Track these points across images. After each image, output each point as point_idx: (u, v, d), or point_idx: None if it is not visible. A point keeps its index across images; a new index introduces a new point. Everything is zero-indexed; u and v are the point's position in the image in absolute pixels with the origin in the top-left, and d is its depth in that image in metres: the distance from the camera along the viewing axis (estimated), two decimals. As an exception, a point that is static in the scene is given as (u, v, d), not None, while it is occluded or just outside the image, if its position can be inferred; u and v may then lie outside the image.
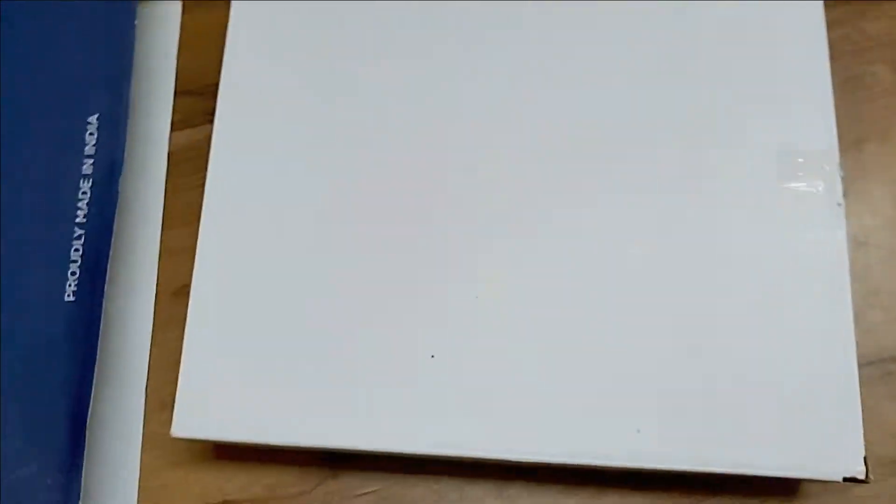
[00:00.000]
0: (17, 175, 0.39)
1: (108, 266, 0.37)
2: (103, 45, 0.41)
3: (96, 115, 0.39)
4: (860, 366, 0.36)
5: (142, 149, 0.43)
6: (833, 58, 0.43)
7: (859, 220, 0.41)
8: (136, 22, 0.41)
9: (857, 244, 0.41)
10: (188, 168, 0.44)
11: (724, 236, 0.37)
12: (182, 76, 0.45)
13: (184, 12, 0.46)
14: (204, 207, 0.39)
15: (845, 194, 0.38)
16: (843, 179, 0.38)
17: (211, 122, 0.43)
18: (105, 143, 0.39)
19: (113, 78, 0.40)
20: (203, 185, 0.41)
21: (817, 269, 0.36)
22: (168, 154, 0.44)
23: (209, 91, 0.44)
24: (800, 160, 0.37)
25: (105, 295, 0.36)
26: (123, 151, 0.39)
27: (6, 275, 0.38)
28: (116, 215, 0.38)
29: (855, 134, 0.43)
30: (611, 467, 0.35)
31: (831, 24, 0.43)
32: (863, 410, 0.35)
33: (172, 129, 0.44)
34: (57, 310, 0.37)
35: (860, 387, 0.35)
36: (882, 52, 0.44)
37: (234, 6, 0.42)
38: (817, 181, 0.37)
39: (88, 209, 0.38)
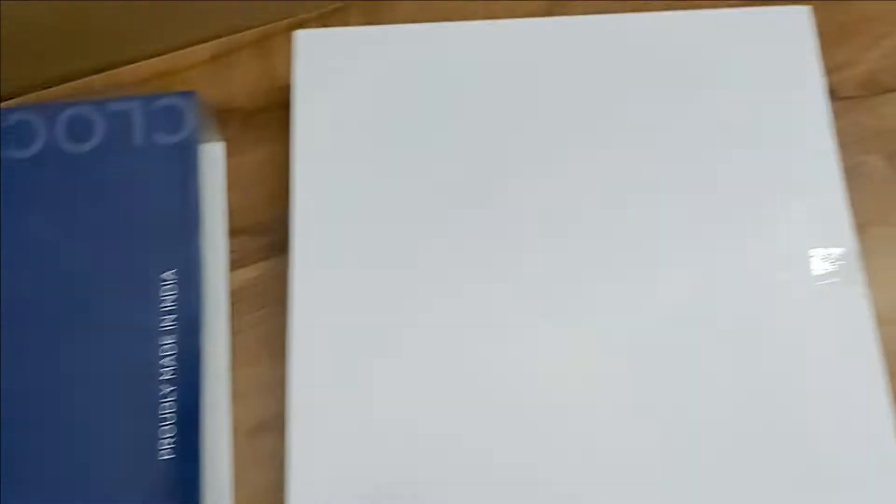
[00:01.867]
0: (94, 335, 0.40)
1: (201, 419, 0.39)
2: (173, 193, 0.42)
3: (173, 271, 0.41)
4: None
5: (205, 291, 0.45)
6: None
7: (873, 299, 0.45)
8: (199, 171, 0.42)
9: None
10: (247, 307, 0.45)
11: (760, 332, 0.40)
12: (232, 217, 0.47)
13: (227, 154, 0.48)
14: (292, 340, 0.41)
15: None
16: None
17: (265, 258, 0.46)
18: (184, 297, 0.40)
19: (186, 228, 0.42)
20: (264, 322, 0.44)
21: (849, 354, 0.40)
22: (229, 294, 0.46)
23: (259, 228, 0.47)
24: (828, 254, 0.41)
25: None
26: (202, 306, 0.40)
27: (94, 437, 0.39)
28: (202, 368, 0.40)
29: (858, 219, 0.47)
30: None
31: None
32: None
33: (230, 269, 0.46)
34: (153, 468, 0.38)
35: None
36: (872, 143, 0.48)
37: (298, 137, 0.44)
38: (843, 277, 0.41)
39: (176, 364, 0.39)
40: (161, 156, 0.42)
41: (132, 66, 0.50)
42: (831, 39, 0.50)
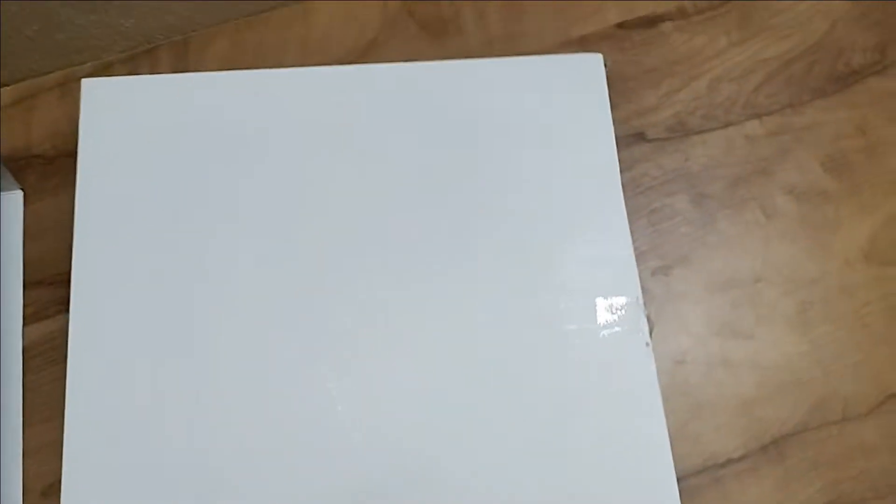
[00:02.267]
0: None
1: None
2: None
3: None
4: (690, 475, 0.42)
5: (-5, 349, 0.43)
6: (638, 193, 0.48)
7: (675, 339, 0.47)
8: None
9: (675, 363, 0.46)
10: (44, 362, 0.44)
11: (545, 378, 0.41)
12: (30, 268, 0.46)
13: (25, 203, 0.47)
14: (68, 401, 0.40)
15: (658, 320, 0.43)
16: (650, 319, 0.43)
17: (64, 311, 0.44)
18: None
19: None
20: (62, 377, 0.42)
21: (633, 402, 0.41)
22: (22, 349, 0.44)
23: (58, 279, 0.45)
24: (612, 303, 0.42)
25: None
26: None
27: None
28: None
29: (663, 261, 0.48)
30: None
31: (630, 163, 0.49)
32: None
33: (25, 324, 0.45)
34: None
35: (694, 495, 0.40)
36: (679, 185, 0.50)
37: (78, 193, 0.43)
38: (627, 325, 0.42)
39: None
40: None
41: (-76, 111, 0.48)
42: (643, 83, 0.51)
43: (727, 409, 0.45)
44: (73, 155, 0.46)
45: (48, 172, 0.47)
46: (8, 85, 0.49)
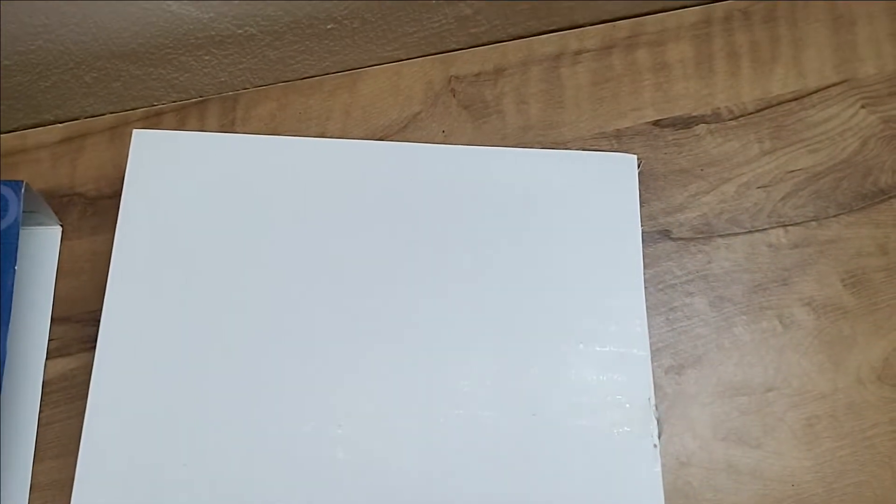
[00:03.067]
0: None
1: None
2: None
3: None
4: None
5: (14, 378, 0.44)
6: (659, 289, 0.49)
7: (681, 440, 0.47)
8: (15, 266, 0.42)
9: (679, 464, 0.46)
10: (62, 398, 0.45)
11: (549, 471, 0.42)
12: (59, 304, 0.47)
13: (63, 239, 0.48)
14: (83, 438, 0.41)
15: (666, 419, 0.44)
16: (660, 421, 0.43)
17: (88, 349, 0.45)
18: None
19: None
20: (78, 415, 0.43)
21: (635, 502, 0.41)
22: (42, 383, 0.45)
23: (86, 318, 0.46)
24: (626, 405, 0.43)
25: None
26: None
27: None
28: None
29: (676, 360, 0.49)
30: None
31: (653, 259, 0.50)
32: None
33: (48, 357, 0.46)
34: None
35: None
36: (699, 285, 0.50)
37: (118, 236, 0.45)
38: (637, 426, 0.42)
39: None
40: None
41: (-23, 141, 0.50)
42: (672, 181, 0.52)
43: (727, 517, 0.45)
44: (114, 197, 0.48)
45: (88, 212, 0.49)
46: (61, 122, 0.50)
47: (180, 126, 0.51)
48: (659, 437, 0.42)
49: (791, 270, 0.51)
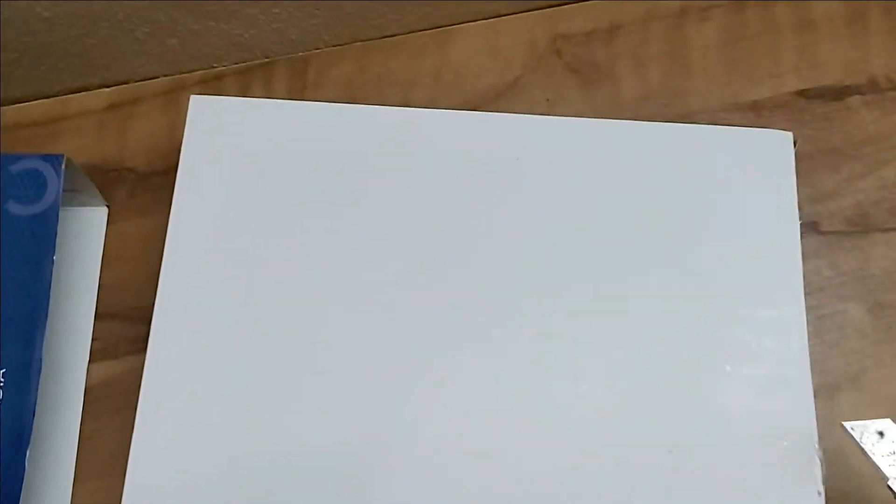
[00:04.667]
0: None
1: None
2: (17, 276, 0.36)
3: (2, 371, 0.34)
4: None
5: (55, 384, 0.38)
6: (806, 293, 0.41)
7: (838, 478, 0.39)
8: (55, 254, 0.36)
9: (834, 505, 0.39)
10: (106, 408, 0.39)
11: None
12: (105, 297, 0.41)
13: (109, 221, 0.42)
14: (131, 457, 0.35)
15: (822, 460, 0.36)
16: (823, 462, 0.36)
17: (137, 351, 0.39)
18: (11, 406, 0.34)
19: (27, 322, 0.35)
20: (125, 428, 0.37)
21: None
22: (84, 391, 0.39)
23: (135, 314, 0.40)
24: (784, 444, 0.35)
25: None
26: (33, 418, 0.34)
27: None
28: (23, 494, 0.33)
29: (827, 379, 0.41)
30: None
31: (802, 257, 0.41)
32: None
33: (91, 360, 0.39)
34: None
35: None
36: (854, 289, 0.42)
37: (173, 217, 0.38)
38: (797, 467, 0.35)
39: (-11, 486, 0.33)
40: (11, 229, 0.36)
41: (15, 106, 0.43)
42: (821, 163, 0.44)
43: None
44: (168, 173, 0.41)
45: (139, 190, 0.42)
46: (108, 86, 0.44)
47: (243, 91, 0.44)
48: (824, 483, 0.34)
49: (965, 271, 0.42)
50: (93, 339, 0.40)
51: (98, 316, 0.40)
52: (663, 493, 0.34)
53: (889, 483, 0.32)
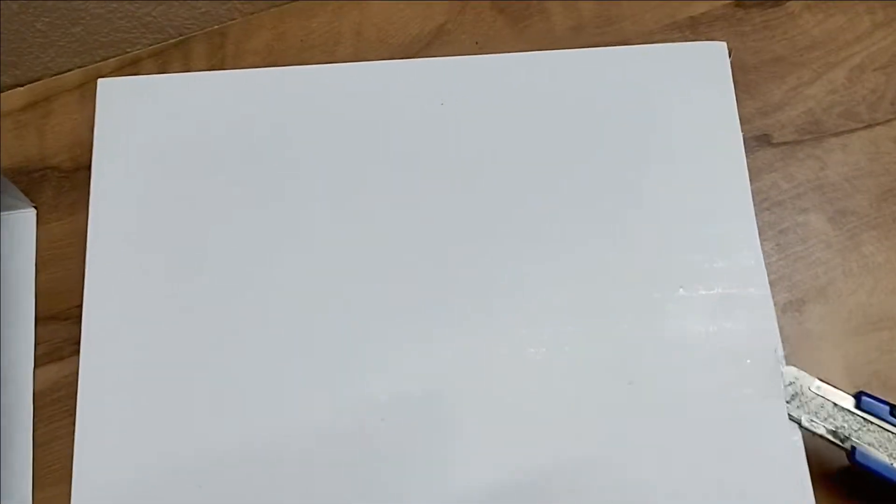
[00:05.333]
0: None
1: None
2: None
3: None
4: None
5: (3, 391, 0.37)
6: (764, 209, 0.40)
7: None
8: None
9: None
10: (57, 411, 0.38)
11: (660, 463, 0.33)
12: (43, 299, 0.39)
13: (39, 222, 0.40)
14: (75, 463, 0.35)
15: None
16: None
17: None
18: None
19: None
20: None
21: (780, 479, 0.33)
22: (34, 395, 0.38)
23: (77, 314, 0.39)
24: (747, 361, 0.34)
25: None
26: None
27: None
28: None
29: (794, 294, 0.39)
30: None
31: (754, 173, 0.40)
32: None
33: (36, 365, 0.38)
34: None
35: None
36: (813, 199, 0.41)
37: (92, 210, 0.37)
38: (762, 386, 0.33)
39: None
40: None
41: (-73, 115, 0.42)
42: (766, 74, 0.42)
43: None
44: (91, 168, 0.40)
45: (65, 187, 0.41)
46: (21, 86, 0.42)
47: (162, 73, 0.42)
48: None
49: (927, 168, 0.40)
50: (36, 344, 0.38)
51: (38, 320, 0.39)
52: (627, 426, 0.33)
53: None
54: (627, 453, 0.33)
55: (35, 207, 0.40)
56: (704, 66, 0.37)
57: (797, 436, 0.33)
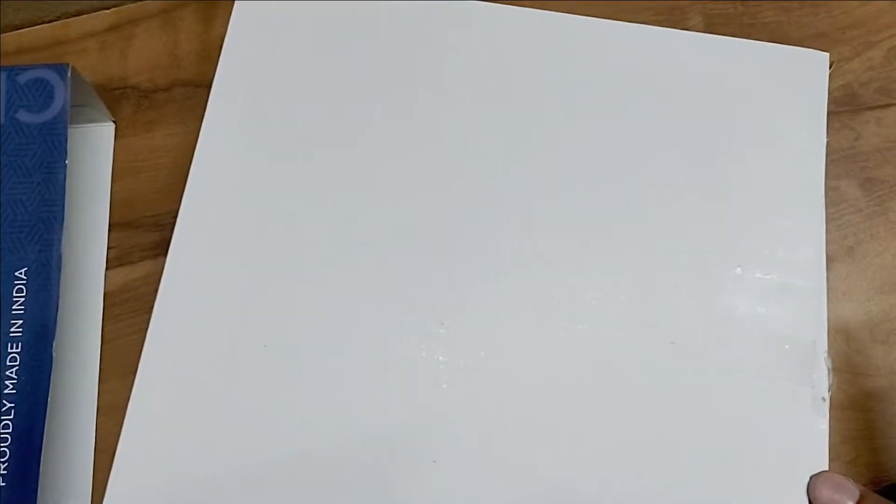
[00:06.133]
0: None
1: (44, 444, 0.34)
2: (32, 180, 0.37)
3: (24, 270, 0.36)
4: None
5: (75, 290, 0.40)
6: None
7: (836, 348, 0.40)
8: (66, 158, 0.37)
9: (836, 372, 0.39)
10: (126, 311, 0.40)
11: (687, 419, 0.35)
12: (116, 208, 0.42)
13: (117, 136, 0.43)
14: (142, 359, 0.37)
15: (829, 369, 0.37)
16: (830, 371, 0.37)
17: (152, 257, 0.40)
18: (35, 301, 0.35)
19: (44, 222, 0.36)
20: (140, 331, 0.38)
21: (797, 460, 0.35)
22: (104, 296, 0.40)
23: (148, 223, 0.41)
24: (786, 346, 0.36)
25: (39, 485, 0.33)
26: (56, 312, 0.35)
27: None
28: (51, 387, 0.34)
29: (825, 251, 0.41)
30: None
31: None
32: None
33: (108, 267, 0.41)
34: (-18, 496, 0.33)
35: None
36: (846, 166, 0.43)
37: (205, 124, 0.39)
38: (795, 371, 0.36)
39: (18, 378, 0.34)
40: (23, 137, 0.37)
41: (15, 32, 0.44)
42: (810, 48, 0.44)
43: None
44: (169, 90, 0.43)
45: (143, 106, 0.43)
46: (107, 9, 0.45)
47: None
48: (829, 390, 0.36)
49: (955, 144, 0.43)
50: (109, 248, 0.41)
51: (111, 226, 0.41)
52: (662, 380, 0.35)
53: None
54: (659, 405, 0.35)
55: (114, 122, 0.43)
56: (804, 72, 0.40)
57: (824, 424, 0.35)
